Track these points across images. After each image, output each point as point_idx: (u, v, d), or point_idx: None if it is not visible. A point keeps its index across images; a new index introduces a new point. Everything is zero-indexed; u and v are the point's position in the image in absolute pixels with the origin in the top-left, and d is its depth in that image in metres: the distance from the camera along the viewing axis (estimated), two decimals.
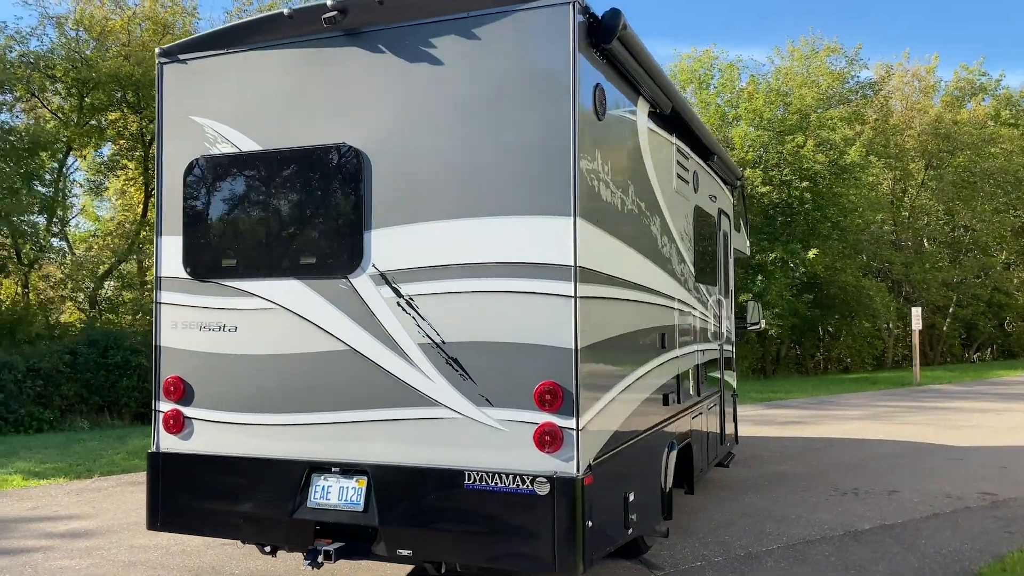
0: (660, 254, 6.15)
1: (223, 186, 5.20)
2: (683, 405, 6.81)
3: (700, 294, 7.66)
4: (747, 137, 26.15)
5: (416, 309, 4.68)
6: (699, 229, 7.74)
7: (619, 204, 5.15)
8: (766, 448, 11.57)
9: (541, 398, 4.39)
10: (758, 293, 25.83)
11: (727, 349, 9.12)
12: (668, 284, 6.36)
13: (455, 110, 4.67)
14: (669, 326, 6.38)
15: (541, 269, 4.44)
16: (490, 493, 4.42)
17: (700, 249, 7.78)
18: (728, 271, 9.37)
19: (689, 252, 7.24)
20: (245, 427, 5.07)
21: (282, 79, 5.09)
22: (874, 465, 10.24)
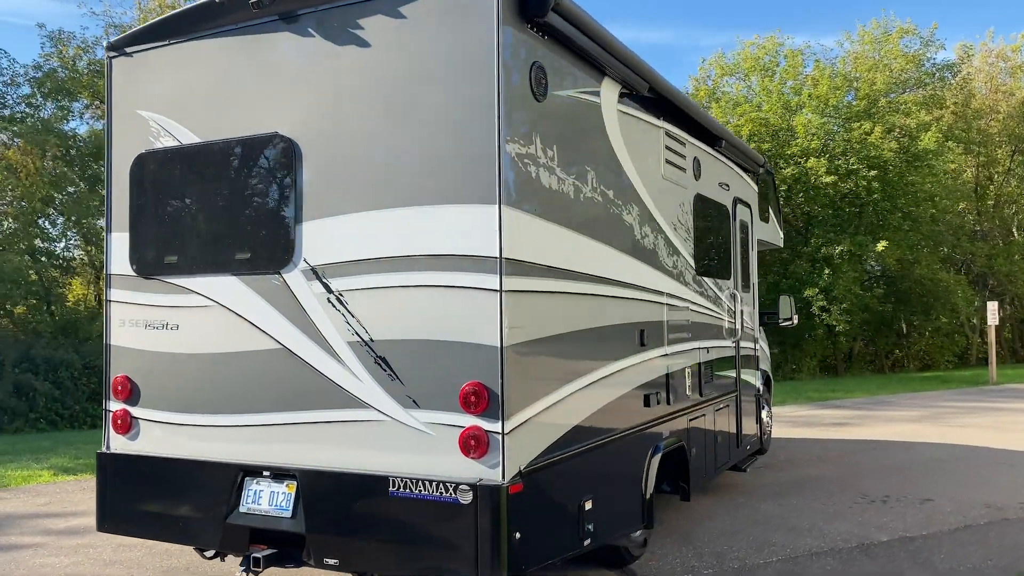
0: (638, 245, 5.76)
1: (165, 181, 5.06)
2: (676, 406, 6.39)
3: (703, 288, 7.21)
4: (810, 125, 25.11)
5: (345, 305, 4.45)
6: (702, 219, 7.28)
7: (571, 192, 4.80)
8: (804, 451, 10.95)
9: (466, 400, 4.09)
10: (825, 288, 24.83)
11: (746, 347, 8.61)
12: (651, 277, 5.96)
13: (382, 94, 4.41)
14: (653, 322, 5.98)
15: (466, 261, 4.14)
16: (414, 501, 4.14)
17: (704, 240, 7.33)
18: (749, 264, 8.85)
19: (687, 243, 6.80)
20: (185, 428, 4.93)
21: (218, 69, 4.92)
22: (915, 470, 9.55)
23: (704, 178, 7.31)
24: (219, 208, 4.88)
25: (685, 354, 6.69)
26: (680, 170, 6.73)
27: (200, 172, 4.93)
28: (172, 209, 5.04)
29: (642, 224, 5.84)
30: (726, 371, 7.89)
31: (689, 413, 6.75)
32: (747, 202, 8.81)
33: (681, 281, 6.64)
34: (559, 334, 4.61)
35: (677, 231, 6.59)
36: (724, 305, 7.84)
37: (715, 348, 7.50)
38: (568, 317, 4.74)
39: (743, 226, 8.62)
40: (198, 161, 4.94)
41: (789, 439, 12.04)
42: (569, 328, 4.73)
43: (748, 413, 8.64)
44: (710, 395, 7.30)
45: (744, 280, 8.64)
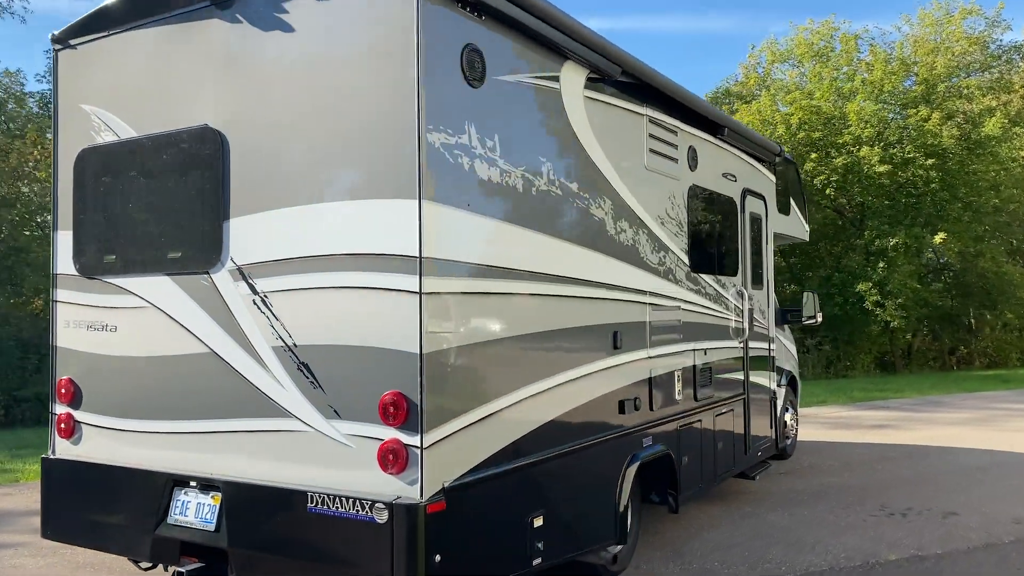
0: (611, 241, 5.38)
1: (105, 177, 4.87)
2: (662, 412, 5.99)
3: (700, 286, 6.77)
4: (863, 112, 24.07)
5: (270, 308, 4.19)
6: (700, 212, 6.84)
7: (520, 185, 4.45)
8: (832, 456, 10.37)
9: (385, 411, 3.79)
10: (879, 282, 23.80)
11: (758, 347, 8.11)
12: (628, 275, 5.57)
13: (305, 82, 4.14)
14: (632, 323, 5.59)
15: (385, 261, 3.83)
16: (332, 519, 3.86)
17: (702, 235, 6.88)
18: (762, 259, 8.34)
19: (678, 238, 6.38)
20: (124, 434, 4.74)
21: (155, 59, 4.71)
22: (947, 480, 8.92)
23: (702, 168, 6.86)
24: (152, 205, 4.67)
25: (675, 356, 6.27)
26: (669, 160, 6.30)
27: (136, 167, 4.73)
28: (111, 207, 4.85)
29: (617, 219, 5.45)
30: (731, 373, 7.42)
31: (680, 419, 6.33)
32: (760, 194, 8.30)
33: (670, 279, 6.22)
34: (501, 339, 4.27)
35: (665, 225, 6.17)
36: (729, 303, 7.37)
37: (716, 349, 7.05)
38: (515, 320, 4.39)
39: (754, 219, 8.12)
40: (134, 156, 4.74)
41: (819, 443, 11.45)
42: (516, 332, 4.39)
43: (760, 417, 8.15)
44: (708, 399, 6.86)
45: (755, 276, 8.14)
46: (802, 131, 24.42)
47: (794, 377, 10.20)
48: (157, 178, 4.64)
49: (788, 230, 9.41)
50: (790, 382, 10.07)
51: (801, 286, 26.29)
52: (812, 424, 13.26)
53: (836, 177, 24.18)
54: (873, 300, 23.77)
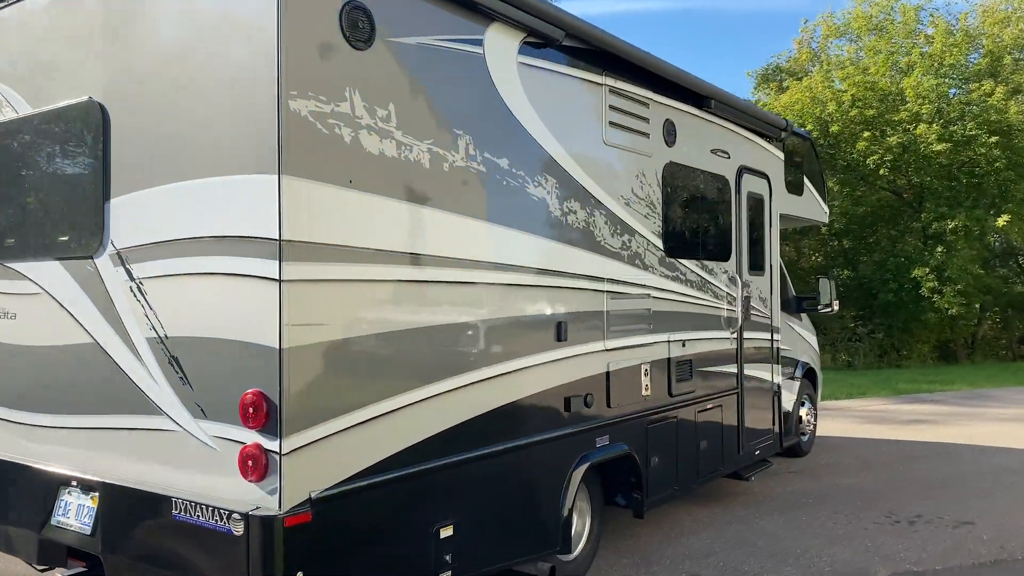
0: (556, 224, 4.90)
1: (5, 156, 4.60)
2: (622, 410, 5.50)
3: (678, 272, 6.23)
4: (921, 87, 22.77)
5: (145, 295, 3.85)
6: (680, 192, 6.29)
7: (426, 161, 4.00)
8: (853, 454, 9.68)
9: (245, 411, 3.41)
10: (936, 267, 22.55)
11: (756, 337, 7.51)
12: (576, 261, 5.09)
13: (178, 47, 3.77)
14: (579, 313, 5.11)
15: (246, 244, 3.45)
16: (193, 528, 3.51)
17: (681, 216, 6.33)
18: (764, 243, 7.72)
19: (649, 220, 5.86)
20: (19, 427, 4.48)
21: (47, 30, 4.40)
22: (973, 483, 8.18)
23: (683, 144, 6.30)
24: (43, 184, 4.38)
25: (643, 348, 5.77)
26: (638, 134, 5.77)
27: (29, 144, 4.44)
28: (10, 187, 4.58)
29: (563, 198, 4.96)
30: (719, 366, 6.86)
31: (649, 416, 5.83)
32: (762, 172, 7.67)
33: (637, 264, 5.70)
34: (391, 332, 3.84)
35: (632, 206, 5.65)
36: (717, 291, 6.80)
37: (699, 340, 6.50)
38: (415, 312, 3.96)
39: (754, 200, 7.50)
40: (28, 133, 4.45)
41: (844, 439, 10.74)
42: (413, 324, 3.95)
43: (758, 412, 7.56)
44: (688, 394, 6.33)
45: (755, 262, 7.53)
46: (855, 108, 23.24)
47: (811, 369, 9.53)
48: (47, 155, 4.34)
49: (801, 212, 8.73)
50: (807, 374, 9.42)
51: (855, 271, 25.18)
52: (843, 418, 12.52)
53: (890, 157, 22.96)
54: (930, 286, 22.55)
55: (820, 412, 12.83)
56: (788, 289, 9.20)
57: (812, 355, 9.68)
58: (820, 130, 23.53)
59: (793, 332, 9.07)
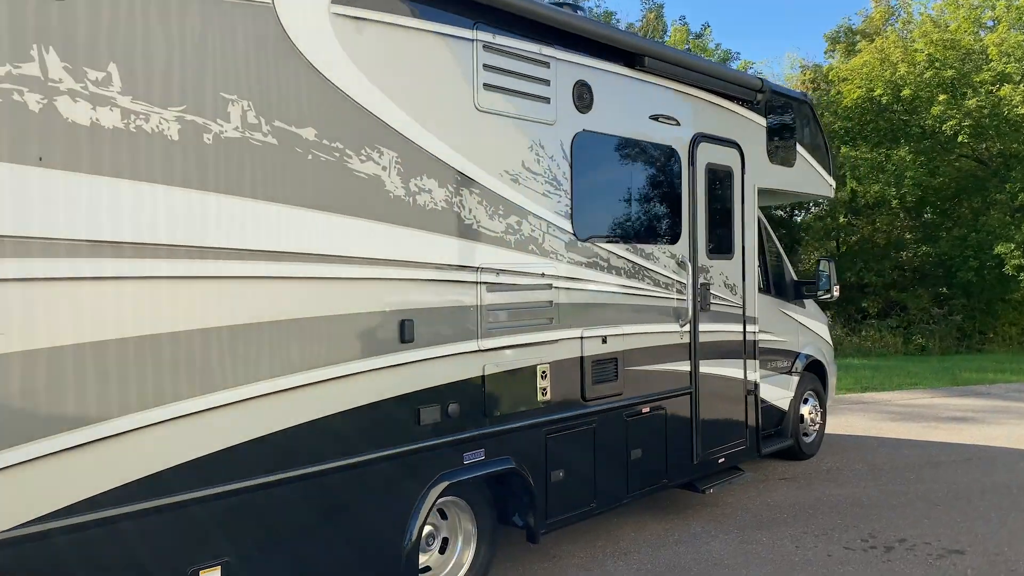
0: (395, 205, 4.17)
1: None
2: (506, 419, 4.76)
3: (598, 258, 5.40)
4: (1005, 44, 20.66)
5: None
6: (599, 165, 5.44)
7: (171, 131, 3.33)
8: (865, 458, 8.59)
9: None
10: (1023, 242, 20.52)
11: (720, 329, 6.58)
12: (432, 248, 4.35)
13: None
14: (437, 309, 4.38)
15: None
16: None
17: (602, 193, 5.49)
18: (733, 221, 6.76)
19: (553, 199, 5.07)
20: None
21: None
22: (989, 500, 7.04)
23: (603, 109, 5.44)
24: None
25: (541, 347, 4.99)
26: (532, 99, 4.96)
27: None
28: None
29: (409, 175, 4.23)
30: (662, 363, 5.99)
31: (550, 424, 5.06)
32: (729, 140, 6.69)
33: (531, 250, 4.92)
34: (120, 339, 3.20)
35: (522, 183, 4.86)
36: (659, 278, 5.93)
37: (628, 335, 5.66)
38: (153, 313, 3.31)
39: (718, 173, 6.55)
40: None
41: (865, 438, 9.61)
42: (154, 330, 3.30)
43: (723, 415, 6.64)
44: (610, 397, 5.51)
45: (720, 244, 6.60)
46: (930, 70, 21.31)
47: (817, 361, 8.49)
48: None
49: (795, 185, 7.68)
50: (810, 368, 8.40)
51: (934, 246, 23.27)
52: (874, 413, 11.32)
53: (969, 122, 20.97)
54: (1015, 264, 20.57)
55: (847, 407, 11.69)
56: (785, 274, 8.19)
57: (820, 346, 8.63)
58: (892, 94, 21.71)
59: (790, 321, 8.06)
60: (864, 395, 12.79)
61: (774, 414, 7.84)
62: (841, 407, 11.67)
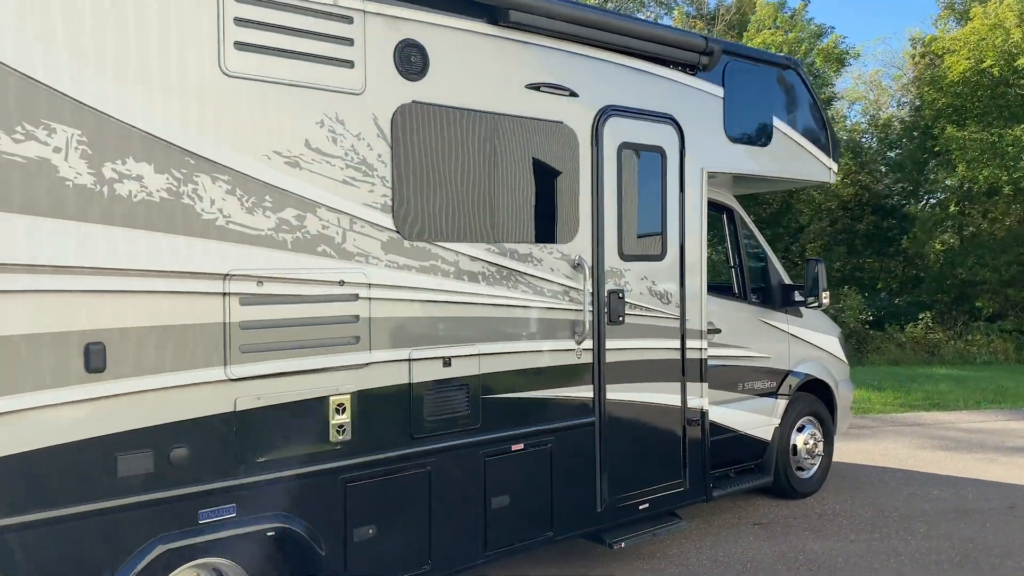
0: (74, 198, 3.28)
1: None
2: (264, 469, 3.79)
3: (438, 261, 4.35)
4: None
5: None
6: (439, 146, 4.38)
7: None
8: (874, 499, 7.10)
9: None
10: None
11: (644, 347, 5.37)
12: (135, 252, 3.43)
13: None
14: (147, 328, 3.46)
15: None
16: None
17: (448, 181, 4.42)
18: (664, 216, 5.50)
19: (363, 188, 4.08)
20: None
21: None
22: (1011, 571, 5.52)
23: (444, 76, 4.38)
24: None
25: (336, 373, 4.00)
26: (323, 62, 3.96)
27: None
28: None
29: (101, 159, 3.33)
30: (545, 389, 4.86)
31: (349, 471, 4.06)
32: (661, 114, 5.45)
33: (321, 252, 3.94)
34: None
35: (304, 167, 3.89)
36: (542, 285, 4.81)
37: (486, 356, 4.57)
38: None
39: (639, 155, 5.33)
40: None
41: (888, 471, 8.04)
42: None
43: (644, 450, 5.43)
44: (458, 432, 4.45)
45: (643, 242, 5.38)
46: None
47: (818, 381, 7.07)
48: None
49: (770, 168, 6.29)
50: (809, 388, 7.02)
51: None
52: (926, 437, 9.62)
53: None
54: None
55: (895, 428, 10.01)
56: (771, 278, 6.83)
57: (824, 363, 7.20)
58: (1004, 65, 19.15)
59: (775, 333, 6.72)
60: (925, 414, 11.00)
61: (746, 446, 6.52)
62: (887, 429, 10.03)
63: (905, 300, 23.91)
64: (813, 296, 6.57)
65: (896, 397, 12.27)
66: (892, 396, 12.33)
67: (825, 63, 21.91)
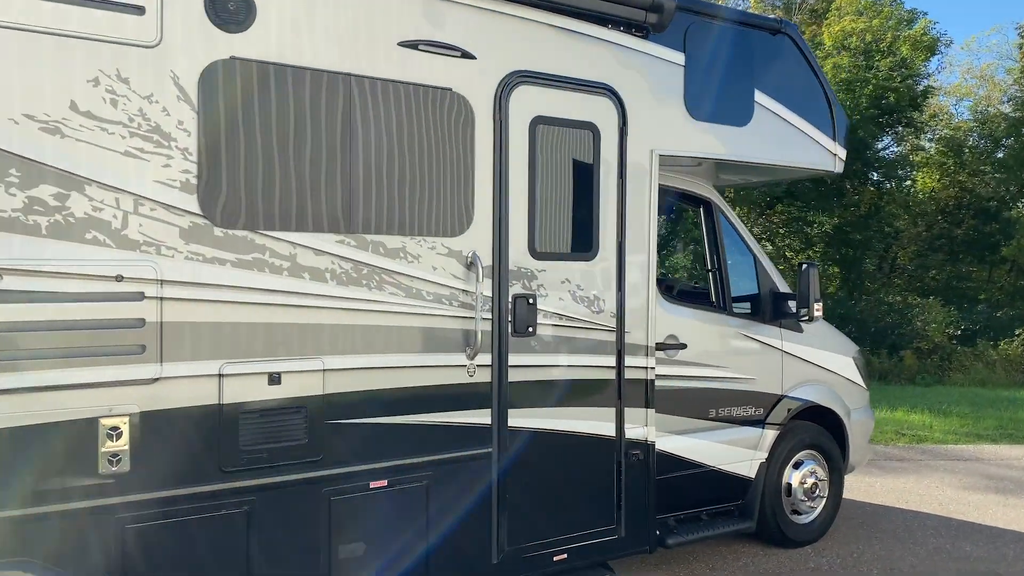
0: None
1: None
2: None
3: (266, 254, 3.56)
4: None
5: None
6: (267, 113, 3.57)
7: None
8: (882, 553, 5.91)
9: None
10: None
11: (556, 364, 4.43)
12: None
13: None
14: None
15: None
16: None
17: (284, 157, 3.61)
18: (595, 207, 4.54)
19: (148, 163, 3.32)
20: None
21: None
22: None
23: (279, 28, 3.57)
24: None
25: (109, 390, 3.25)
26: (103, 6, 3.21)
27: None
28: None
29: None
30: (421, 414, 4.00)
31: (129, 510, 3.31)
32: (595, 84, 4.49)
33: (89, 239, 3.20)
34: None
35: (68, 135, 3.16)
36: (420, 286, 3.95)
37: (333, 372, 3.74)
38: None
39: (559, 131, 4.39)
40: None
41: (925, 517, 6.77)
42: None
43: (560, 488, 4.48)
44: (293, 465, 3.64)
45: (566, 236, 4.46)
46: None
47: (822, 409, 5.95)
48: None
49: (748, 152, 5.19)
50: (811, 416, 5.93)
51: None
52: (981, 476, 8.23)
53: None
54: None
55: (947, 462, 8.62)
56: (762, 283, 5.76)
57: (833, 386, 6.06)
58: None
59: (763, 351, 5.66)
60: (989, 447, 9.51)
61: (720, 484, 5.47)
62: (936, 463, 8.67)
63: (1008, 314, 21.66)
64: (805, 308, 5.46)
65: (962, 424, 10.76)
66: (958, 423, 10.83)
67: (913, 52, 20.05)
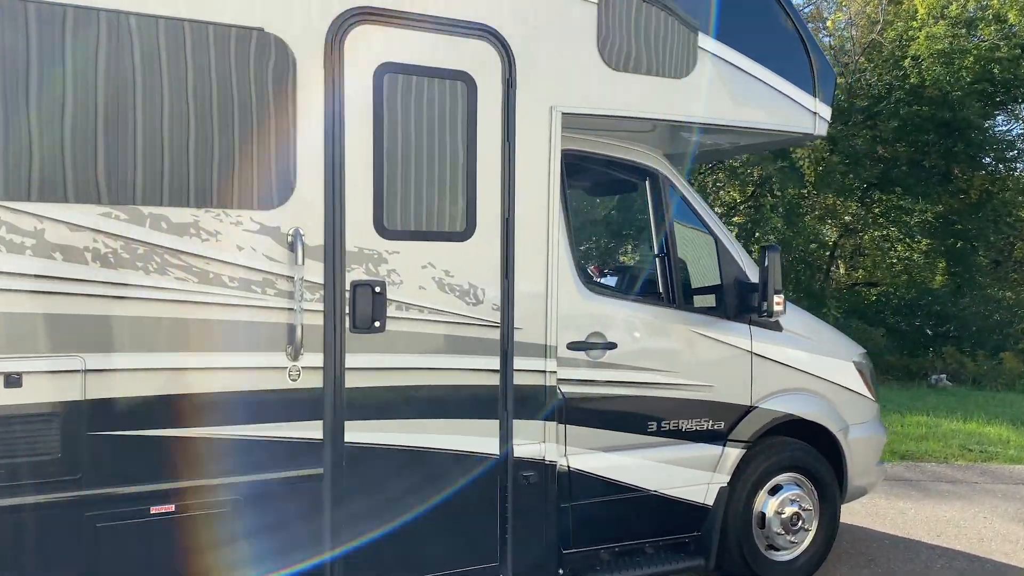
0: None
1: None
2: None
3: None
4: None
5: None
6: None
7: None
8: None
9: None
10: None
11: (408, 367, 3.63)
12: None
13: None
14: None
15: None
16: None
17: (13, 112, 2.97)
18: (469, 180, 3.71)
19: None
20: None
21: None
22: None
23: None
24: None
25: None
26: None
27: None
28: None
29: None
30: (223, 426, 3.30)
31: None
32: (469, 25, 3.66)
33: None
34: None
35: None
36: (218, 269, 3.25)
37: (97, 374, 3.09)
38: None
39: (419, 84, 3.59)
40: None
41: (945, 552, 5.63)
42: None
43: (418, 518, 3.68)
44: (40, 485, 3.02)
45: (433, 211, 3.66)
46: None
47: (805, 423, 4.94)
48: None
49: (689, 110, 4.22)
50: (793, 431, 4.96)
51: None
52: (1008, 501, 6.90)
53: None
54: None
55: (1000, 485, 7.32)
56: (725, 271, 4.80)
57: (825, 395, 5.03)
58: None
59: (731, 353, 4.71)
60: None
61: (666, 512, 4.53)
62: (994, 487, 7.36)
63: None
64: (765, 301, 4.45)
65: None
66: None
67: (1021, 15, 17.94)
